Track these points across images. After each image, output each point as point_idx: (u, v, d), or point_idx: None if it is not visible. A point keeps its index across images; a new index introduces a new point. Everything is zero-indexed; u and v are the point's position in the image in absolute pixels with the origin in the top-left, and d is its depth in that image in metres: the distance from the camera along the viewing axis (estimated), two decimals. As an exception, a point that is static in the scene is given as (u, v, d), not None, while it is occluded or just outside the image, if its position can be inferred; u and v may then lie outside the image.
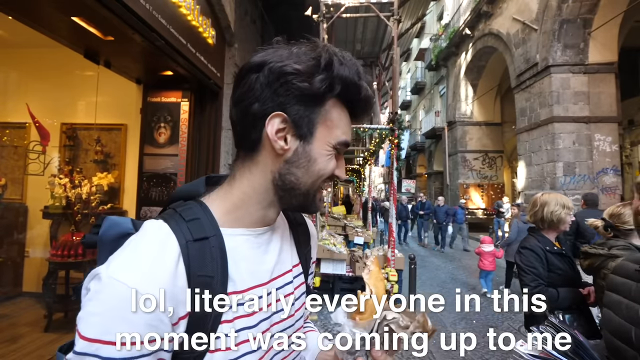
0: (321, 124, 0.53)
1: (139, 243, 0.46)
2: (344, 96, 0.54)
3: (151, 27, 2.20)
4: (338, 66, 0.51)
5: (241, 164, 0.56)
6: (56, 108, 3.55)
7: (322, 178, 0.54)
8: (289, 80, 0.50)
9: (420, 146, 20.06)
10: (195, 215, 0.51)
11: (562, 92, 7.66)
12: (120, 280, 0.41)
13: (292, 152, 0.52)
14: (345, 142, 0.55)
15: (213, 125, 3.59)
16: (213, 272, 0.48)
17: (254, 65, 0.52)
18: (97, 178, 3.30)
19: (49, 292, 3.01)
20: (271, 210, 0.57)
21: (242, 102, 0.52)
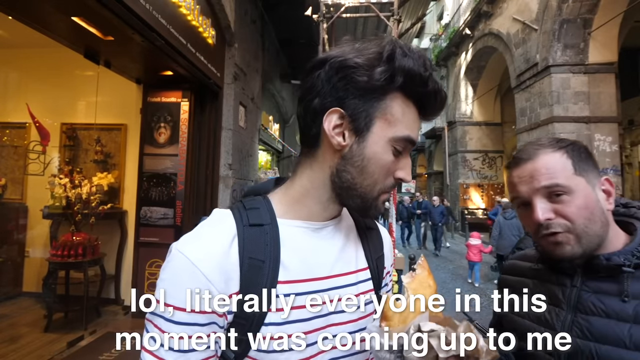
0: (380, 119, 0.50)
1: (204, 225, 0.52)
2: (409, 90, 0.50)
3: (151, 27, 2.20)
4: (400, 57, 0.48)
5: (303, 160, 0.57)
6: (56, 108, 3.55)
7: (379, 180, 0.52)
8: (348, 74, 0.49)
9: (420, 146, 20.06)
10: (255, 205, 0.54)
11: (562, 92, 7.66)
12: (182, 252, 0.47)
13: (348, 148, 0.51)
14: (407, 138, 0.51)
15: (213, 125, 3.59)
16: (264, 257, 0.49)
17: (317, 62, 0.52)
18: (97, 178, 3.30)
19: (49, 292, 3.01)
20: (331, 207, 0.56)
21: (305, 98, 0.53)
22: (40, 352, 2.57)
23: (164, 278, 0.47)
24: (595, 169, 0.69)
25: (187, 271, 0.46)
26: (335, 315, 0.54)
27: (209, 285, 0.46)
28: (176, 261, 0.47)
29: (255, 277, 0.48)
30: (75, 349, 2.60)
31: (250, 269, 0.48)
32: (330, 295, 0.53)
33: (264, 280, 0.48)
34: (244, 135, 4.64)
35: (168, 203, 3.22)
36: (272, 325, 0.48)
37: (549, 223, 0.66)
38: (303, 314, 0.50)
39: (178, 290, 0.46)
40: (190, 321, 0.45)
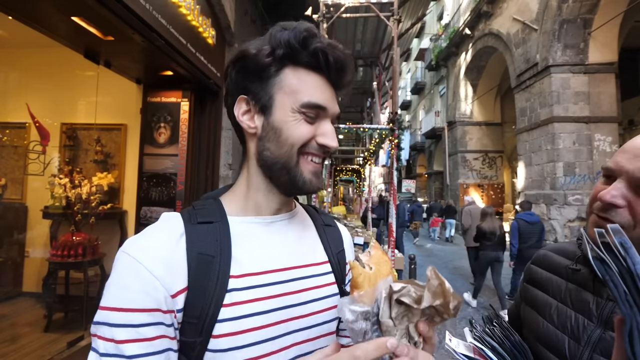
0: (279, 93, 0.52)
1: (151, 226, 0.51)
2: (295, 58, 0.52)
3: (151, 27, 2.20)
4: (277, 33, 0.51)
5: (242, 158, 0.60)
6: (56, 108, 3.55)
7: (295, 146, 0.52)
8: (242, 64, 0.53)
9: (420, 146, 20.07)
10: (204, 205, 0.54)
11: (562, 92, 7.66)
12: (127, 252, 0.45)
13: (260, 128, 0.54)
14: (310, 103, 0.52)
15: (213, 125, 3.59)
16: (215, 252, 0.48)
17: (225, 68, 0.57)
18: (97, 178, 3.30)
19: (49, 292, 3.01)
20: (273, 195, 0.57)
21: (226, 103, 0.57)
22: (40, 352, 2.57)
23: (109, 283, 0.45)
24: None
25: (130, 269, 0.44)
26: (294, 308, 0.53)
27: (152, 280, 0.44)
28: (119, 262, 0.45)
29: (205, 272, 0.47)
30: (75, 349, 2.60)
31: (200, 264, 0.47)
32: (287, 287, 0.53)
33: (215, 275, 0.47)
34: (244, 135, 4.64)
35: (168, 203, 3.22)
36: (227, 322, 0.46)
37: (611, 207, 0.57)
38: (258, 306, 0.49)
39: (121, 290, 0.43)
40: (134, 322, 0.42)
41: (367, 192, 9.03)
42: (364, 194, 12.33)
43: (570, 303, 0.69)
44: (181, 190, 3.23)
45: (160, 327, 0.44)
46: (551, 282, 0.75)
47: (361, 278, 0.41)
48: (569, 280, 0.71)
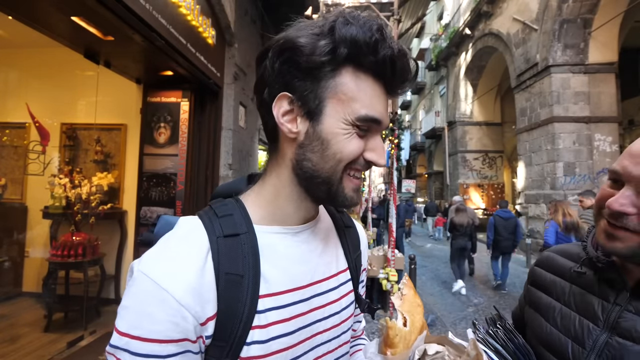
0: (332, 99, 0.45)
1: (171, 238, 0.45)
2: (360, 61, 0.45)
3: (151, 27, 2.20)
4: (341, 27, 0.43)
5: (270, 157, 0.53)
6: (56, 108, 3.55)
7: (343, 162, 0.46)
8: (289, 56, 0.45)
9: (420, 146, 20.07)
10: (228, 211, 0.48)
11: (562, 92, 7.66)
12: (148, 275, 0.41)
13: (303, 135, 0.47)
14: (367, 117, 0.46)
15: (213, 125, 3.59)
16: (243, 270, 0.44)
17: (263, 52, 0.49)
18: (97, 178, 3.30)
19: (49, 292, 3.01)
20: (305, 205, 0.52)
21: (257, 92, 0.50)
22: (40, 352, 2.57)
23: (127, 306, 0.41)
24: None
25: (154, 297, 0.40)
26: (319, 323, 0.52)
27: (181, 310, 0.40)
28: (141, 285, 0.41)
29: (234, 294, 0.43)
30: (75, 349, 2.60)
31: (228, 285, 0.43)
32: (313, 303, 0.51)
33: (244, 297, 0.44)
34: (244, 135, 4.64)
35: (168, 203, 3.22)
36: (255, 345, 0.44)
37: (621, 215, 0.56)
38: (287, 327, 0.47)
39: (145, 319, 0.39)
40: (161, 353, 0.39)
41: (367, 192, 9.02)
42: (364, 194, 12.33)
43: (575, 306, 0.67)
44: (181, 190, 3.23)
45: (187, 355, 0.41)
46: (555, 284, 0.73)
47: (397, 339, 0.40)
48: (574, 282, 0.70)
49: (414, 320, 0.42)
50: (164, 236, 0.46)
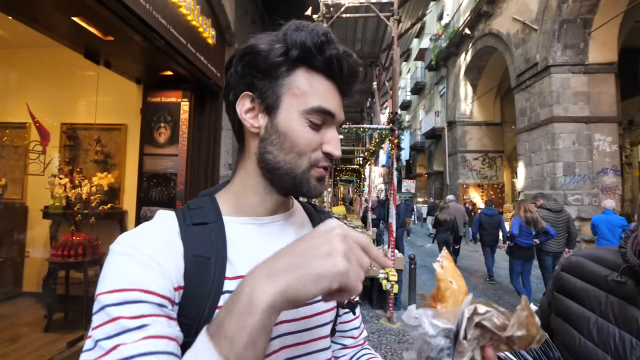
0: (287, 94, 0.50)
1: (144, 225, 0.49)
2: (309, 61, 0.50)
3: (151, 27, 2.20)
4: (292, 32, 0.49)
5: (239, 156, 0.58)
6: (56, 108, 3.55)
7: (302, 154, 0.51)
8: (250, 59, 0.51)
9: (420, 146, 20.07)
10: (200, 205, 0.53)
11: (562, 92, 7.66)
12: (120, 243, 0.44)
13: (264, 129, 0.52)
14: (320, 108, 0.50)
15: (213, 125, 3.59)
16: (210, 253, 0.47)
17: (229, 61, 0.55)
18: (97, 178, 3.30)
19: (49, 292, 3.01)
20: (270, 197, 0.55)
21: (225, 96, 0.55)
22: (40, 352, 2.57)
23: (101, 276, 0.42)
24: None
25: (130, 257, 0.42)
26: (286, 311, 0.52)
27: (156, 267, 0.42)
28: (115, 253, 0.43)
29: (201, 274, 0.46)
30: (75, 349, 2.60)
31: (195, 266, 0.46)
32: None
33: (210, 277, 0.46)
34: (244, 135, 4.63)
35: (168, 203, 3.22)
36: None
37: None
38: None
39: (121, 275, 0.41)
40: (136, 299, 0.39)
41: (367, 192, 9.02)
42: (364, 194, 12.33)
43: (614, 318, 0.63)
44: (181, 190, 3.23)
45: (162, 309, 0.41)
46: (587, 293, 0.68)
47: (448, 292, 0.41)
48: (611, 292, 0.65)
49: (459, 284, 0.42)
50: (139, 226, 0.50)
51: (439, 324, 0.38)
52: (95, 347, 0.37)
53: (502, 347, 0.38)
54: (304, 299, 0.36)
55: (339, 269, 0.35)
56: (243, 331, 0.33)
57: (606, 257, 0.70)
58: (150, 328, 0.38)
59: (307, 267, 0.36)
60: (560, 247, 4.83)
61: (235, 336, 0.33)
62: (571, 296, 0.72)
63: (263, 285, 0.35)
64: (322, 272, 0.35)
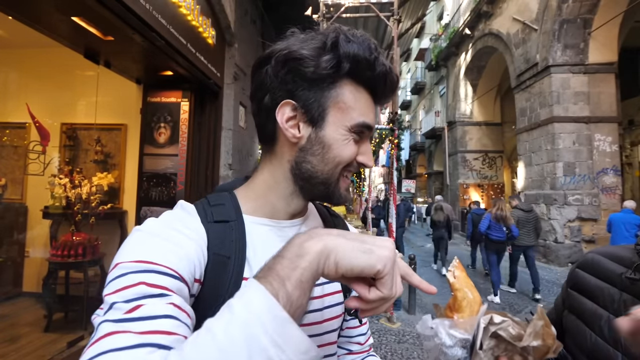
0: (333, 107, 0.50)
1: (168, 214, 0.50)
2: (358, 75, 0.50)
3: (151, 27, 2.20)
4: (344, 44, 0.48)
5: (263, 157, 0.57)
6: (56, 108, 3.55)
7: (341, 165, 0.52)
8: (294, 66, 0.49)
9: (420, 146, 20.06)
10: (220, 201, 0.53)
11: (562, 92, 7.65)
12: (143, 229, 0.44)
13: (305, 139, 0.51)
14: (363, 124, 0.51)
15: (213, 125, 3.59)
16: (230, 253, 0.48)
17: (264, 58, 0.52)
18: (97, 178, 3.30)
19: (49, 292, 3.01)
20: (294, 202, 0.55)
21: (256, 96, 0.53)
22: (40, 352, 2.57)
23: (122, 248, 0.42)
24: None
25: (151, 234, 0.43)
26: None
27: (176, 249, 0.42)
28: (137, 231, 0.44)
29: (220, 273, 0.46)
30: (75, 349, 2.60)
31: (215, 265, 0.46)
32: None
33: (229, 276, 0.47)
34: (244, 135, 4.64)
35: (168, 203, 3.22)
36: None
37: None
38: None
39: (141, 247, 0.40)
40: (162, 271, 0.39)
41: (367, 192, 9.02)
42: (364, 194, 12.33)
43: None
44: (181, 190, 3.23)
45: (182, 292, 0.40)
46: (602, 290, 0.68)
47: (465, 302, 0.41)
48: (624, 290, 0.64)
49: (474, 294, 0.42)
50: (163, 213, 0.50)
51: (456, 335, 0.38)
52: (111, 308, 0.36)
53: (516, 358, 0.37)
54: (349, 266, 0.36)
55: (388, 254, 0.37)
56: (294, 272, 0.34)
57: (622, 254, 0.69)
58: (173, 297, 0.38)
59: (360, 240, 0.37)
60: (531, 241, 5.43)
61: (286, 275, 0.34)
62: (585, 293, 0.72)
63: (315, 238, 0.36)
64: (373, 248, 0.37)
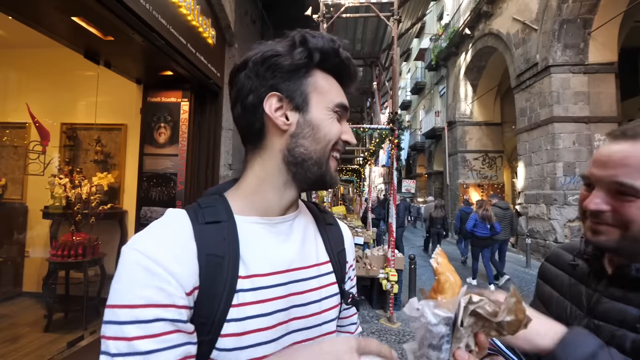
0: (313, 92, 0.55)
1: (156, 223, 0.50)
2: (326, 64, 0.56)
3: (151, 27, 2.20)
4: (311, 39, 0.54)
5: (251, 155, 0.58)
6: (56, 108, 3.55)
7: (331, 142, 0.56)
8: (272, 62, 0.54)
9: (420, 146, 20.06)
10: (211, 203, 0.54)
11: (562, 92, 7.65)
12: (133, 247, 0.44)
13: (295, 125, 0.55)
14: (342, 104, 0.58)
15: (213, 125, 3.59)
16: (223, 252, 0.49)
17: (239, 66, 0.56)
18: (97, 178, 3.30)
19: (49, 292, 3.02)
20: (287, 192, 0.57)
21: (238, 100, 0.56)
22: (40, 352, 2.57)
23: (115, 281, 0.43)
24: None
25: (140, 265, 0.43)
26: (296, 308, 0.54)
27: (166, 276, 0.43)
28: (128, 258, 0.44)
29: (215, 273, 0.47)
30: (75, 349, 2.60)
31: (209, 265, 0.47)
32: (290, 288, 0.54)
33: (224, 276, 0.47)
34: (244, 135, 4.63)
35: (168, 203, 3.22)
36: (234, 322, 0.47)
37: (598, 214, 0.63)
38: (264, 308, 0.49)
39: (130, 286, 0.42)
40: (146, 318, 0.41)
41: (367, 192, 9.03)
42: (364, 194, 12.32)
43: (569, 296, 0.74)
44: (181, 190, 3.23)
45: (176, 324, 0.43)
46: (557, 277, 0.80)
47: (447, 285, 0.45)
48: (571, 275, 0.76)
49: (455, 277, 0.46)
50: (152, 223, 0.50)
51: (440, 313, 0.41)
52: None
53: (492, 333, 0.42)
54: None
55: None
56: None
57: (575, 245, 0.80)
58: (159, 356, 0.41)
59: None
60: (507, 235, 6.32)
61: None
62: (547, 281, 0.84)
63: None
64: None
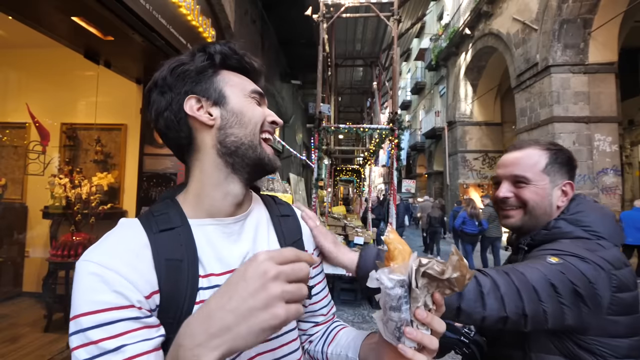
0: (226, 86, 0.58)
1: (109, 233, 0.51)
2: (229, 63, 0.60)
3: (151, 27, 2.20)
4: (210, 46, 0.59)
5: (189, 162, 0.59)
6: (56, 108, 3.55)
7: (258, 124, 0.58)
8: (180, 71, 0.56)
9: (420, 146, 20.05)
10: (163, 210, 0.55)
11: (562, 92, 7.65)
12: (87, 259, 0.46)
13: (219, 118, 0.57)
14: (256, 90, 0.61)
15: (213, 125, 3.59)
16: (182, 256, 0.50)
17: (149, 88, 0.58)
18: (97, 178, 3.30)
19: (49, 292, 3.01)
20: (231, 187, 0.58)
21: (160, 116, 0.57)
22: (40, 352, 2.57)
23: (74, 293, 0.44)
24: (566, 173, 0.86)
25: (95, 274, 0.44)
26: None
27: (122, 280, 0.44)
28: (82, 270, 0.45)
29: (176, 275, 0.49)
30: (75, 349, 2.60)
31: (170, 269, 0.48)
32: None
33: (185, 276, 0.49)
34: (244, 135, 4.63)
35: (168, 203, 3.22)
36: None
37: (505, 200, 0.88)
38: None
39: (89, 295, 0.43)
40: (111, 319, 0.42)
41: (367, 192, 9.04)
42: (364, 194, 12.32)
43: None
44: (181, 190, 3.23)
45: (140, 320, 0.44)
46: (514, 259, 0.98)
47: (397, 252, 0.49)
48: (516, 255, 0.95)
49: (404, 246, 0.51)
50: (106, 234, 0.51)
51: (394, 277, 0.46)
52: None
53: (447, 292, 0.46)
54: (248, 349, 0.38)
55: (280, 319, 0.37)
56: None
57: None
58: (128, 349, 0.41)
59: (246, 323, 0.36)
60: (499, 233, 6.46)
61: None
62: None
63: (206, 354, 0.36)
64: (264, 326, 0.36)
